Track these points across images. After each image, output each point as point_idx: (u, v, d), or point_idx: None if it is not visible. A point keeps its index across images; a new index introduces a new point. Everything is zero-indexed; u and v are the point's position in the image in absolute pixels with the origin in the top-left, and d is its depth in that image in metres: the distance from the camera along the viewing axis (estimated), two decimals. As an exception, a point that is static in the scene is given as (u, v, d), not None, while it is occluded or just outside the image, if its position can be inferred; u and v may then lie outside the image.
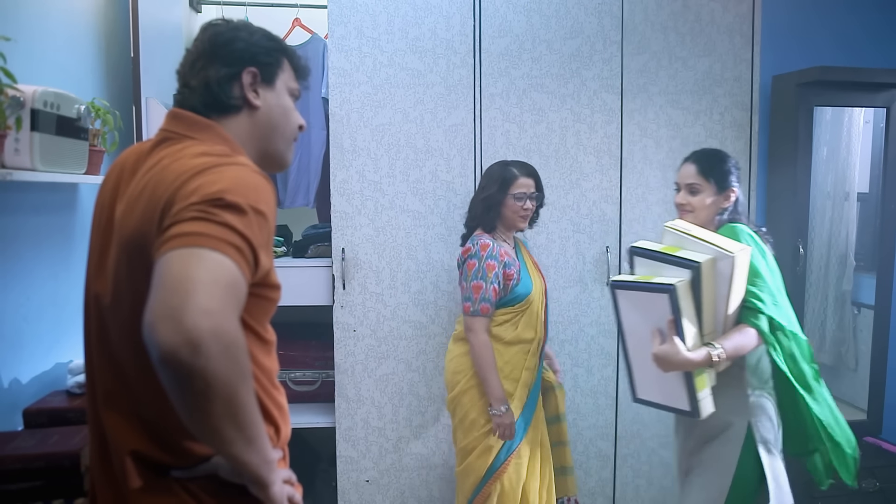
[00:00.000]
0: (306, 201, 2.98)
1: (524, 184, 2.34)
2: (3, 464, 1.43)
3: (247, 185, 0.98)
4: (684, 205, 2.08)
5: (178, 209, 0.94)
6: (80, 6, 2.15)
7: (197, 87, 1.14)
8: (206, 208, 0.92)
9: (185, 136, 1.11)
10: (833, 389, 2.01)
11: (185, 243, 0.87)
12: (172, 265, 0.85)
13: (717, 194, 2.02)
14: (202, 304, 0.83)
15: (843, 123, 3.31)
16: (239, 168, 1.02)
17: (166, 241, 0.89)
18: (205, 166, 1.00)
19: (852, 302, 3.34)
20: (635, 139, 2.86)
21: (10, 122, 1.44)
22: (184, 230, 0.89)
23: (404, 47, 2.71)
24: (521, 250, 2.46)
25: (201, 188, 0.95)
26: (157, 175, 1.03)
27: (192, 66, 1.16)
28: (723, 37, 2.88)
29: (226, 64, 1.14)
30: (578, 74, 2.80)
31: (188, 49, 1.19)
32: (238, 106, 1.15)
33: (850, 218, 3.32)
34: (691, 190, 2.06)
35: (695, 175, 2.06)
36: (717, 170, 2.03)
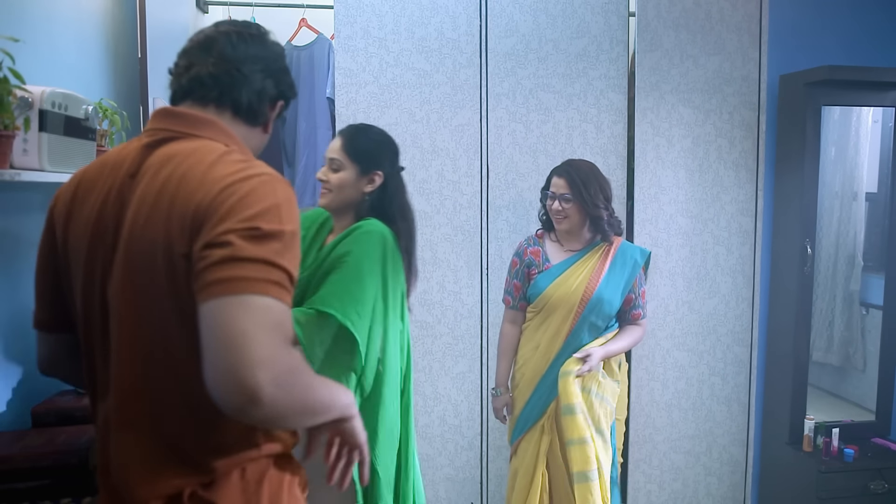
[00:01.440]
0: (313, 201, 2.98)
1: (554, 183, 2.33)
2: (11, 462, 1.44)
3: (279, 203, 0.98)
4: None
5: (214, 235, 0.93)
6: (87, 7, 2.16)
7: (252, 86, 1.14)
8: (244, 244, 0.92)
9: (189, 133, 1.08)
10: (841, 390, 2.01)
11: (229, 291, 0.89)
12: (221, 317, 0.88)
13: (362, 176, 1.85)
14: (257, 358, 0.86)
15: (851, 123, 3.29)
16: (268, 180, 1.00)
17: (209, 286, 0.90)
18: (233, 177, 0.98)
19: (860, 302, 3.32)
20: (648, 138, 2.85)
21: (18, 122, 1.44)
22: (225, 275, 0.89)
23: (410, 47, 2.71)
24: (593, 256, 2.33)
25: (235, 210, 0.94)
26: (177, 179, 1.00)
27: (253, 62, 1.15)
28: (731, 35, 2.87)
29: (276, 86, 1.18)
30: (585, 74, 2.79)
31: (237, 31, 1.16)
32: (260, 123, 1.19)
33: (858, 218, 3.30)
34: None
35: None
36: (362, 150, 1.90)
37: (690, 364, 2.96)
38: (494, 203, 2.79)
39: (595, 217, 2.30)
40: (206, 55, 1.13)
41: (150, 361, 1.01)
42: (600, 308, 2.29)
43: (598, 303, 2.29)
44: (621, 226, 2.41)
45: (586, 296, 2.29)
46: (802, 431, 2.96)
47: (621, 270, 2.33)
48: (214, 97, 1.12)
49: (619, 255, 2.35)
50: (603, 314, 2.31)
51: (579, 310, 2.30)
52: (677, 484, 2.99)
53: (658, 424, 2.94)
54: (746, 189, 2.95)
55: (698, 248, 2.93)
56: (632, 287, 2.36)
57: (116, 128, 2.01)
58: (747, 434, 3.03)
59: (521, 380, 2.39)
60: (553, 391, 2.32)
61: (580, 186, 2.27)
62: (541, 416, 2.35)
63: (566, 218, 2.31)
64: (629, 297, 2.37)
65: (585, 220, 2.33)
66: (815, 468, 2.84)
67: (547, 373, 2.33)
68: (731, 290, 2.97)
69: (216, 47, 1.13)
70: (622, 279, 2.33)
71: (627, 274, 2.34)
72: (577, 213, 2.30)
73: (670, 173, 2.88)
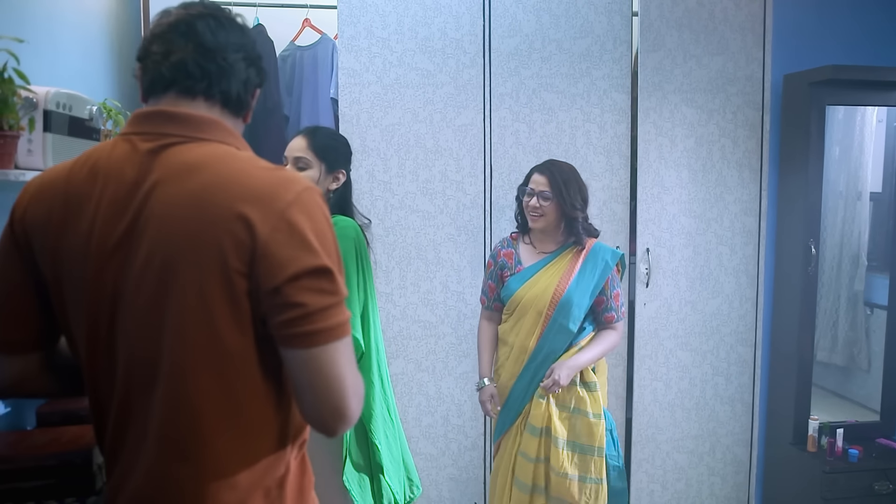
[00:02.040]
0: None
1: (534, 180, 2.32)
2: (16, 462, 1.44)
3: (325, 225, 1.01)
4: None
5: (285, 281, 0.95)
6: (91, 8, 2.17)
7: (238, 76, 1.09)
8: (317, 298, 0.97)
9: (196, 137, 1.03)
10: (845, 390, 2.00)
11: (318, 342, 0.97)
12: (316, 365, 0.98)
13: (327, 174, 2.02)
14: (350, 392, 1.00)
15: (855, 122, 3.28)
16: (310, 195, 1.01)
17: (297, 338, 0.97)
18: (285, 199, 0.97)
19: (865, 302, 3.31)
20: (651, 138, 2.85)
21: (23, 122, 1.45)
22: (311, 329, 0.96)
23: (414, 47, 2.71)
24: (564, 258, 2.33)
25: (301, 248, 0.96)
26: (212, 190, 0.97)
27: (236, 50, 1.08)
28: (735, 35, 2.87)
29: (258, 73, 1.13)
30: (588, 74, 2.79)
31: (215, 17, 1.08)
32: (244, 113, 1.14)
33: (862, 218, 3.29)
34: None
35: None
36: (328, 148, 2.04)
37: (694, 364, 2.96)
38: (498, 203, 2.79)
39: (571, 218, 2.29)
40: (185, 41, 1.05)
41: (202, 374, 0.99)
42: (569, 310, 2.26)
43: (568, 305, 2.26)
44: (596, 230, 2.39)
45: (555, 298, 2.27)
46: (806, 432, 2.95)
47: (591, 272, 2.30)
48: (203, 89, 1.06)
49: (591, 256, 2.32)
50: (572, 316, 2.27)
51: (549, 312, 2.27)
52: (680, 484, 2.99)
53: (661, 424, 2.94)
54: (750, 189, 2.94)
55: (701, 247, 2.93)
56: (602, 289, 2.32)
57: (120, 128, 2.02)
58: (751, 434, 3.02)
59: (499, 382, 2.40)
60: (527, 395, 2.31)
61: (560, 185, 2.26)
62: (515, 418, 2.34)
63: (542, 216, 2.29)
64: (600, 298, 2.33)
65: (561, 220, 2.32)
66: (820, 469, 2.83)
67: (521, 376, 2.31)
68: (734, 290, 2.96)
69: (195, 33, 1.05)
70: (592, 281, 2.30)
71: (598, 275, 2.30)
72: (554, 213, 2.29)
73: (673, 173, 2.88)
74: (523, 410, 2.33)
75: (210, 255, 0.95)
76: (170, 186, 0.98)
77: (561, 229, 2.34)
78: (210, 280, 0.96)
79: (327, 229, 1.01)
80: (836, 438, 2.89)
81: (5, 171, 1.40)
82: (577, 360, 2.27)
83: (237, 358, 0.99)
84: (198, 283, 0.96)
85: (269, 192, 0.97)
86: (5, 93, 1.37)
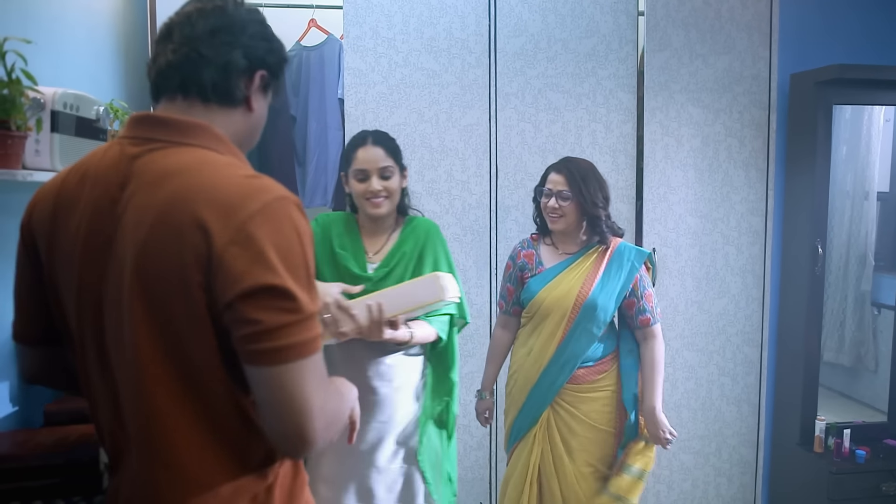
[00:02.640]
0: (324, 201, 2.99)
1: (551, 180, 2.22)
2: (24, 460, 1.45)
3: (292, 239, 0.95)
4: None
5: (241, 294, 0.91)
6: (98, 9, 2.17)
7: (214, 62, 1.03)
8: (276, 316, 0.92)
9: (178, 142, 1.01)
10: (852, 391, 1.99)
11: (279, 360, 0.93)
12: (278, 382, 0.93)
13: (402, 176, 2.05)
14: (314, 413, 0.95)
15: (862, 122, 3.27)
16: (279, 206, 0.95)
17: (258, 355, 0.93)
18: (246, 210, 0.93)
19: (872, 302, 3.30)
20: (657, 137, 2.84)
21: (30, 123, 1.46)
22: (272, 346, 0.92)
23: (419, 47, 2.71)
24: (588, 259, 2.23)
25: (252, 273, 0.91)
26: (180, 198, 0.95)
27: (212, 36, 1.03)
28: (741, 34, 2.86)
29: (247, 56, 1.05)
30: (594, 74, 2.79)
31: (197, 9, 1.05)
32: (238, 101, 1.07)
33: (869, 217, 3.28)
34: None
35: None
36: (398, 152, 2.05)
37: (700, 364, 2.95)
38: (503, 203, 2.79)
39: (593, 217, 2.19)
40: (166, 43, 1.04)
41: (170, 379, 0.98)
42: (594, 314, 2.17)
43: (592, 308, 2.17)
44: (620, 229, 2.30)
45: (579, 301, 2.17)
46: (813, 432, 2.94)
47: (617, 274, 2.20)
48: (177, 87, 1.03)
49: (616, 257, 2.21)
50: (597, 320, 2.18)
51: (572, 315, 2.18)
52: (686, 484, 2.98)
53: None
54: (756, 189, 2.93)
55: (708, 247, 2.92)
56: (631, 290, 2.21)
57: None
58: (757, 435, 3.01)
59: (514, 386, 2.30)
60: (545, 401, 2.23)
61: (579, 183, 2.16)
62: (532, 425, 2.26)
63: (562, 217, 2.19)
64: (631, 301, 2.22)
65: (582, 219, 2.22)
66: (827, 469, 2.82)
67: (539, 381, 2.23)
68: (741, 290, 2.95)
69: (175, 32, 1.04)
70: (618, 283, 2.19)
71: (624, 277, 2.20)
72: (574, 212, 2.19)
73: (679, 173, 2.88)
74: (541, 418, 2.25)
75: (173, 267, 0.94)
76: (143, 195, 0.97)
77: (583, 229, 2.24)
78: (173, 292, 0.94)
79: (295, 243, 0.95)
80: (843, 439, 2.88)
81: (13, 172, 1.40)
82: (657, 403, 2.20)
83: (205, 370, 0.97)
84: (162, 294, 0.95)
85: (234, 202, 0.93)
86: (13, 93, 1.37)
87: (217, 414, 0.99)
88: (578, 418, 2.23)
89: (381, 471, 1.97)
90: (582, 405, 2.23)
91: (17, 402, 1.72)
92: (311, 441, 0.95)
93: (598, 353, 2.24)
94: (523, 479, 2.27)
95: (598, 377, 2.24)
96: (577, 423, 2.23)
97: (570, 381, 2.22)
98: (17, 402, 1.72)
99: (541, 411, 2.24)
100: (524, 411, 2.27)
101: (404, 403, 2.00)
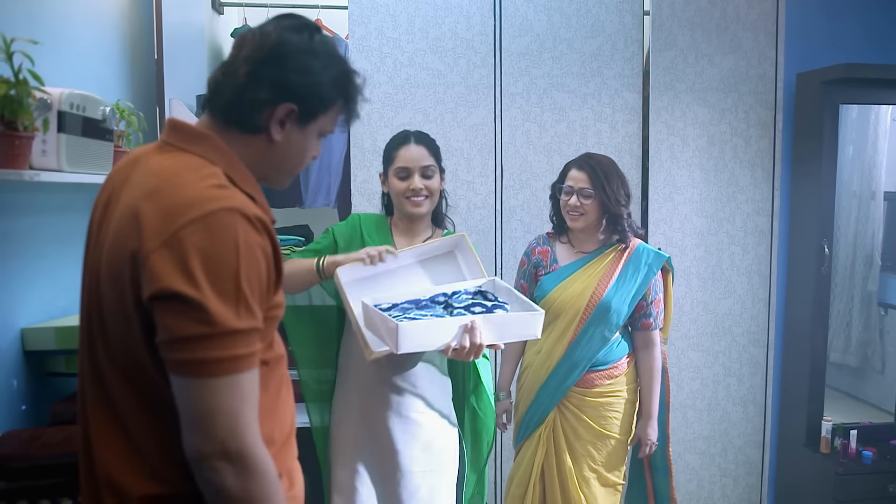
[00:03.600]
0: (327, 201, 2.99)
1: (572, 177, 2.16)
2: (31, 459, 1.45)
3: (227, 252, 0.93)
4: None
5: (151, 296, 0.92)
6: (104, 9, 2.18)
7: (234, 88, 1.06)
8: (184, 321, 0.91)
9: (179, 147, 1.06)
10: (859, 391, 1.99)
11: (194, 373, 0.92)
12: (188, 394, 0.92)
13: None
14: (219, 436, 0.92)
15: (869, 121, 3.26)
16: (224, 221, 0.95)
17: (173, 365, 0.93)
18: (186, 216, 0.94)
19: (878, 303, 3.29)
20: (662, 137, 2.84)
21: (37, 123, 1.46)
22: (184, 357, 0.91)
23: (425, 47, 2.71)
24: (604, 259, 2.19)
25: (169, 277, 0.91)
26: (144, 197, 0.99)
27: (244, 63, 1.05)
28: (747, 34, 2.85)
29: (272, 88, 1.05)
30: (599, 73, 2.78)
31: (259, 34, 1.08)
32: (259, 129, 1.08)
33: (876, 217, 3.27)
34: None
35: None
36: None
37: (705, 364, 2.94)
38: (508, 203, 2.79)
39: (615, 215, 2.13)
40: (228, 58, 1.11)
41: (117, 365, 1.01)
42: (607, 316, 2.13)
43: (605, 310, 2.12)
44: (640, 229, 2.25)
45: (592, 302, 2.13)
46: (820, 433, 2.93)
47: (633, 276, 2.15)
48: (206, 103, 1.10)
49: (633, 258, 2.16)
50: (609, 323, 2.14)
51: (584, 316, 2.14)
52: (692, 485, 2.98)
53: (673, 425, 2.91)
54: (762, 188, 2.92)
55: (713, 247, 2.91)
56: (644, 294, 2.17)
57: (133, 129, 2.03)
58: (763, 435, 3.00)
59: (524, 384, 2.29)
60: (553, 401, 2.20)
61: (602, 180, 2.09)
62: (539, 425, 2.24)
63: (583, 215, 2.13)
64: (640, 304, 2.18)
65: (603, 218, 2.16)
66: (833, 470, 2.81)
67: (547, 382, 2.20)
68: (746, 290, 2.94)
69: (232, 51, 1.11)
70: (633, 286, 2.15)
71: (640, 280, 2.15)
72: (596, 211, 2.13)
73: (685, 173, 2.87)
74: (547, 419, 2.23)
75: (117, 259, 0.97)
76: (129, 190, 1.02)
77: (602, 227, 2.18)
78: (112, 283, 0.98)
79: (229, 257, 0.93)
80: (850, 440, 2.87)
81: (20, 172, 1.41)
82: (653, 411, 2.22)
83: (143, 364, 0.98)
84: (105, 284, 0.99)
85: (180, 207, 0.94)
86: (20, 94, 1.38)
87: (158, 407, 0.98)
88: (584, 422, 2.21)
89: (405, 474, 1.91)
90: (589, 409, 2.21)
91: (25, 400, 1.73)
92: (206, 459, 0.92)
93: (610, 357, 2.20)
94: (527, 479, 2.27)
95: (608, 382, 2.20)
96: (583, 427, 2.21)
97: (579, 384, 2.19)
98: (24, 401, 1.72)
99: (548, 412, 2.23)
100: (531, 410, 2.26)
101: (427, 405, 1.94)
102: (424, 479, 1.91)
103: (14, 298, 1.68)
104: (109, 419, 1.02)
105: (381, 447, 1.91)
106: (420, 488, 1.91)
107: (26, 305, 1.73)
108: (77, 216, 1.99)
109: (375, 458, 1.93)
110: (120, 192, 1.04)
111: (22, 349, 1.72)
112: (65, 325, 1.75)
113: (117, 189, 1.06)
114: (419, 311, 1.74)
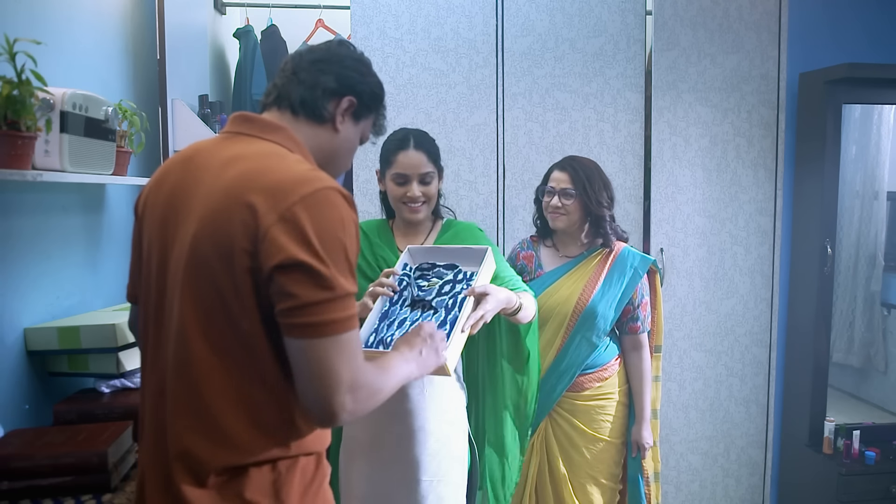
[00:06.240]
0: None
1: (554, 178, 2.16)
2: (34, 459, 1.46)
3: (334, 225, 1.04)
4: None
5: (275, 267, 1.00)
6: (107, 10, 2.18)
7: (306, 83, 1.21)
8: (307, 288, 1.01)
9: (254, 136, 1.17)
10: (862, 392, 1.98)
11: (316, 334, 1.02)
12: (311, 355, 1.02)
13: None
14: (343, 387, 1.03)
15: (872, 121, 3.25)
16: (326, 197, 1.05)
17: (294, 328, 1.02)
18: (297, 194, 1.03)
19: (881, 303, 3.28)
20: (665, 137, 2.84)
21: (40, 123, 1.46)
22: (308, 321, 1.02)
23: (427, 47, 2.71)
24: (589, 264, 2.18)
25: (291, 248, 1.00)
26: (241, 178, 1.06)
27: (312, 64, 1.23)
28: (750, 33, 2.85)
29: (337, 80, 1.23)
30: (602, 73, 2.78)
31: (310, 48, 1.28)
32: (325, 119, 1.23)
33: (879, 217, 3.26)
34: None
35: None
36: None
37: (708, 365, 2.94)
38: (510, 203, 2.79)
39: (597, 217, 2.13)
40: (279, 73, 1.26)
41: (207, 340, 1.07)
42: (594, 322, 2.12)
43: (592, 316, 2.11)
44: (625, 233, 2.25)
45: (578, 307, 2.12)
46: (822, 433, 2.93)
47: (619, 280, 2.14)
48: (274, 101, 1.23)
49: (619, 262, 2.15)
50: (597, 329, 2.13)
51: (571, 322, 2.13)
52: (695, 485, 2.97)
53: (675, 425, 2.93)
54: (765, 188, 2.92)
55: (716, 248, 2.91)
56: (630, 298, 2.16)
57: (136, 128, 2.03)
58: (766, 436, 3.00)
59: None
60: (543, 410, 2.18)
61: (584, 181, 2.10)
62: (531, 434, 2.16)
63: (564, 215, 2.13)
64: (627, 308, 2.17)
65: (585, 220, 2.15)
66: (836, 471, 2.81)
67: (542, 391, 2.14)
68: (749, 290, 2.94)
69: (287, 65, 1.26)
70: (619, 290, 2.14)
71: (625, 284, 2.14)
72: (578, 211, 2.13)
73: (687, 173, 2.87)
74: (539, 427, 2.21)
75: (222, 238, 1.04)
76: (213, 175, 1.10)
77: (585, 231, 2.17)
78: (220, 258, 1.04)
79: (337, 230, 1.04)
80: (853, 440, 2.87)
81: (23, 172, 1.41)
82: (646, 414, 2.21)
83: (246, 336, 1.06)
84: (209, 262, 1.05)
85: (286, 187, 1.04)
86: (23, 94, 1.38)
87: (251, 377, 1.07)
88: (577, 427, 2.19)
89: (412, 482, 1.85)
90: (580, 414, 2.19)
91: (27, 400, 1.73)
92: (336, 411, 1.03)
93: (600, 360, 2.19)
94: (522, 488, 2.24)
95: (598, 384, 2.20)
96: (577, 433, 2.19)
97: (569, 388, 2.18)
98: (27, 401, 1.73)
99: (539, 420, 2.20)
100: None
101: (437, 412, 1.87)
102: (432, 488, 1.85)
103: (17, 298, 1.68)
104: (193, 395, 1.07)
105: (389, 454, 1.86)
106: (427, 497, 1.85)
107: (29, 305, 1.73)
108: (80, 216, 2.00)
109: (383, 466, 1.88)
110: (192, 183, 1.12)
111: (25, 349, 1.72)
112: (68, 325, 1.75)
113: (181, 182, 1.14)
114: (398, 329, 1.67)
